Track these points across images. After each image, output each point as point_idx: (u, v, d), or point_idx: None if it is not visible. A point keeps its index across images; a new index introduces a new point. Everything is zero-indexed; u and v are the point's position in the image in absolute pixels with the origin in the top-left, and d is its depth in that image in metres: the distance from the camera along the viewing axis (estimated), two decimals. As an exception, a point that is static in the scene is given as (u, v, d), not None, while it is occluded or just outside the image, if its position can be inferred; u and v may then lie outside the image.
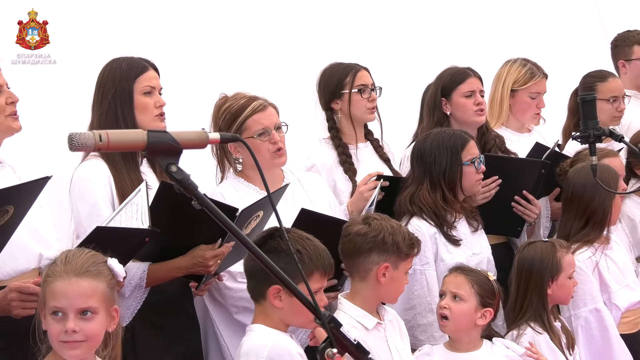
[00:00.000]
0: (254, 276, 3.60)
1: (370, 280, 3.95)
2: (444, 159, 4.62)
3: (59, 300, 2.98)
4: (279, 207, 4.23)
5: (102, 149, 2.51)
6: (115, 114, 4.05)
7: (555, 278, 4.56)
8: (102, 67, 4.17)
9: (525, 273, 4.58)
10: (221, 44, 6.02)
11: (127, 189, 3.94)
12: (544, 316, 4.53)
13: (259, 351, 3.47)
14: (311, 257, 3.59)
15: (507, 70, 5.59)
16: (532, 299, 4.55)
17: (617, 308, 4.91)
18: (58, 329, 2.98)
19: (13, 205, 3.37)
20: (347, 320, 3.88)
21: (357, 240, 3.93)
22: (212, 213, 2.51)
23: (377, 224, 3.96)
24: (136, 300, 3.92)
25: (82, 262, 3.04)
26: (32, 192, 3.50)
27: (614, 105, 5.96)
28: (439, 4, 7.26)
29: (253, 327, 3.61)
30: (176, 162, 2.51)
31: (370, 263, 3.93)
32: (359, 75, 5.10)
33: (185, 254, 3.91)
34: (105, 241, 3.27)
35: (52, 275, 3.01)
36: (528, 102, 5.56)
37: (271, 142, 4.35)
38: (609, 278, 4.90)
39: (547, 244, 4.67)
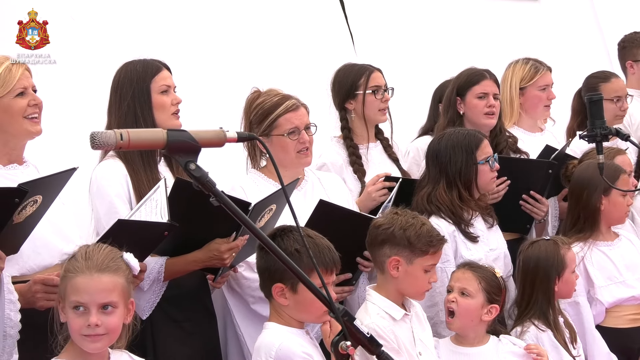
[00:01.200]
0: (261, 274, 3.68)
1: (387, 274, 4.05)
2: (459, 158, 4.69)
3: (81, 296, 3.06)
4: (296, 204, 4.34)
5: (123, 148, 2.58)
6: (134, 115, 4.14)
7: (561, 274, 4.64)
8: (117, 71, 4.26)
9: (531, 271, 4.66)
10: (232, 42, 6.05)
11: (144, 188, 4.03)
12: (549, 313, 4.61)
13: (267, 350, 3.58)
14: (313, 254, 3.60)
15: (512, 71, 5.70)
16: (537, 297, 4.63)
17: (601, 303, 4.99)
18: (80, 322, 3.05)
19: (42, 195, 3.44)
20: (377, 311, 4.00)
21: (373, 232, 4.09)
22: (229, 209, 2.58)
23: (394, 218, 4.05)
24: (155, 294, 4.00)
25: (102, 257, 3.12)
26: (59, 183, 3.58)
27: (617, 104, 6.05)
28: (444, 9, 7.35)
29: (267, 325, 3.70)
30: (195, 160, 2.58)
31: (383, 255, 4.05)
32: (372, 76, 5.16)
33: (201, 248, 3.99)
34: (125, 234, 3.34)
35: (74, 271, 3.08)
36: (538, 96, 5.67)
37: (299, 142, 4.44)
38: (594, 274, 4.98)
39: (550, 242, 4.75)
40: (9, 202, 3.29)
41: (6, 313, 3.42)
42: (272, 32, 6.27)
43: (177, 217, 3.69)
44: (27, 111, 3.74)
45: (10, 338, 3.44)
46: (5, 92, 3.70)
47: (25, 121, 3.74)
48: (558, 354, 4.54)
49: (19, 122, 3.73)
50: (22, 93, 3.73)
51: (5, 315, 3.42)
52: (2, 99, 3.70)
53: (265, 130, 4.42)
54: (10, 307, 3.44)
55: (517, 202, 5.13)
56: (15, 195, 3.29)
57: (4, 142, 3.76)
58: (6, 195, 3.30)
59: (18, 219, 3.39)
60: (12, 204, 3.29)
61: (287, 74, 5.76)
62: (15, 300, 3.46)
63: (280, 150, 4.38)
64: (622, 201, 5.07)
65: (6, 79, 3.70)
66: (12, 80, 3.71)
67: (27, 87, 3.76)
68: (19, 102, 3.73)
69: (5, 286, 3.43)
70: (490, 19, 7.53)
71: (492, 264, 4.64)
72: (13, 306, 3.45)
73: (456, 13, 7.36)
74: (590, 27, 8.15)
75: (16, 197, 3.28)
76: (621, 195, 5.05)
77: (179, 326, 4.15)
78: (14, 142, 3.79)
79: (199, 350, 4.22)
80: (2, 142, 3.76)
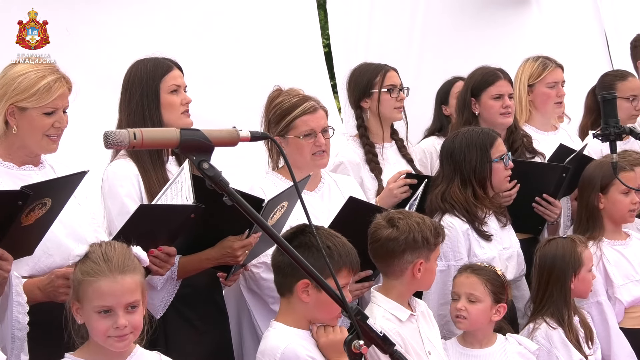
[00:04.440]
0: (282, 270, 3.69)
1: (405, 277, 4.03)
2: (473, 156, 4.71)
3: (107, 299, 3.07)
4: (314, 205, 4.39)
5: (137, 147, 2.60)
6: (142, 113, 4.16)
7: (577, 272, 4.65)
8: (128, 69, 4.28)
9: (547, 269, 4.67)
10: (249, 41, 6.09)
11: (155, 187, 4.06)
12: (564, 311, 4.62)
13: (273, 353, 3.61)
14: (340, 253, 3.67)
15: (521, 69, 5.70)
16: (552, 294, 4.64)
17: (620, 302, 4.98)
18: (107, 325, 3.06)
19: (51, 198, 3.44)
20: (382, 313, 3.99)
21: (390, 245, 4.00)
22: (243, 208, 2.59)
23: (404, 224, 4.02)
24: (169, 292, 4.02)
25: (120, 258, 3.12)
26: (69, 186, 3.57)
27: (632, 103, 6.05)
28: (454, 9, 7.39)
29: (274, 325, 3.73)
30: (208, 159, 2.60)
31: (405, 263, 4.01)
32: (388, 75, 5.21)
33: (214, 246, 4.01)
34: (148, 220, 3.33)
35: (95, 274, 3.07)
36: (547, 93, 5.64)
37: (315, 145, 4.46)
38: (613, 273, 4.97)
39: (567, 240, 4.76)
40: (11, 204, 3.28)
41: (14, 315, 3.43)
42: (288, 32, 6.32)
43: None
44: (49, 130, 3.75)
45: (18, 340, 3.46)
46: (35, 106, 3.71)
47: (44, 138, 3.75)
48: (567, 352, 4.57)
49: (38, 137, 3.74)
50: (51, 112, 3.74)
51: (14, 318, 3.43)
52: (31, 110, 3.71)
53: (282, 131, 4.46)
54: (18, 310, 3.44)
55: (530, 204, 5.13)
56: (17, 197, 3.27)
57: (19, 146, 3.77)
58: (8, 198, 3.30)
59: (27, 221, 3.39)
60: (15, 207, 3.28)
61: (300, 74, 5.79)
62: (23, 303, 3.47)
63: (296, 152, 4.42)
64: (621, 199, 5.05)
65: (42, 95, 3.70)
66: (48, 98, 3.71)
67: (59, 108, 3.76)
68: (45, 120, 3.73)
69: (14, 288, 3.43)
70: (499, 18, 7.56)
71: (505, 262, 4.70)
72: (22, 308, 3.45)
73: (465, 13, 7.40)
74: (597, 26, 8.23)
75: (19, 199, 3.27)
76: (621, 193, 5.04)
77: (191, 325, 4.17)
78: (28, 150, 3.81)
79: (211, 348, 4.24)
80: (17, 146, 3.77)
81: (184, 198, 3.70)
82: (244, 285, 4.43)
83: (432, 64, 6.91)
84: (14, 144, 3.76)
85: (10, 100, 3.71)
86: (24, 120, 3.72)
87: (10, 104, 3.71)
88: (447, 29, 7.24)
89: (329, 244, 3.66)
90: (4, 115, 3.73)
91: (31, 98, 3.70)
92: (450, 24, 7.29)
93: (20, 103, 3.70)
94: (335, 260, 3.64)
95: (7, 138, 3.75)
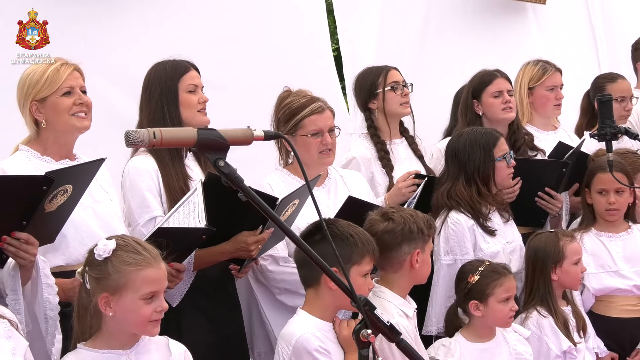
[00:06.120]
0: (307, 264, 3.77)
1: (404, 270, 4.12)
2: (477, 156, 4.82)
3: (154, 285, 3.18)
4: (321, 201, 4.51)
5: (156, 145, 2.69)
6: (162, 112, 4.29)
7: (559, 265, 4.82)
8: (148, 70, 4.41)
9: (532, 261, 4.86)
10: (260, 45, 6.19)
11: (173, 182, 4.22)
12: (550, 300, 4.78)
13: (288, 339, 3.73)
14: (362, 241, 3.79)
15: (522, 72, 5.87)
16: (538, 285, 4.81)
17: (588, 289, 5.18)
18: (150, 310, 3.17)
19: (72, 185, 3.57)
20: (396, 310, 4.06)
21: (386, 238, 4.09)
22: (257, 204, 2.68)
23: (399, 216, 4.12)
24: (185, 283, 4.11)
25: (153, 247, 3.25)
26: (89, 173, 3.72)
27: (621, 104, 6.21)
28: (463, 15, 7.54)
29: (299, 312, 3.84)
30: (224, 157, 2.68)
31: (402, 254, 4.11)
32: (390, 74, 5.36)
33: (229, 240, 4.12)
34: (165, 240, 3.41)
35: (141, 263, 3.16)
36: (546, 96, 5.80)
37: (322, 143, 4.58)
38: (586, 260, 5.09)
39: (552, 234, 4.95)
40: (37, 189, 3.40)
41: (45, 296, 3.57)
42: (299, 37, 6.42)
43: (208, 210, 3.83)
44: (72, 109, 3.91)
45: (51, 320, 3.58)
46: (52, 92, 3.88)
47: (71, 118, 3.92)
48: (557, 339, 4.75)
49: (65, 118, 3.91)
50: (68, 92, 3.90)
51: (44, 299, 3.57)
52: (50, 97, 3.88)
53: (291, 130, 4.56)
54: (48, 291, 3.58)
55: (533, 199, 5.27)
56: (43, 182, 3.40)
57: (54, 139, 3.94)
58: (35, 182, 3.41)
59: (50, 208, 3.52)
60: (40, 192, 3.41)
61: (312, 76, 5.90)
62: (52, 284, 3.60)
63: (304, 150, 4.52)
64: (598, 198, 5.23)
65: (53, 79, 3.88)
66: (59, 80, 3.88)
67: (74, 87, 3.92)
68: (65, 100, 3.90)
69: (41, 271, 3.57)
70: (500, 24, 7.71)
71: (509, 256, 4.84)
72: (51, 289, 3.59)
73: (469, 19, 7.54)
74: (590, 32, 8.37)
75: (44, 184, 3.40)
76: (597, 192, 5.23)
77: (203, 313, 4.28)
78: (63, 138, 3.97)
79: (223, 336, 4.36)
80: (53, 139, 3.94)
81: (196, 220, 3.81)
82: (252, 276, 4.57)
83: (437, 67, 7.01)
84: (49, 138, 3.94)
85: (29, 98, 3.89)
86: (47, 109, 3.90)
87: (31, 102, 3.88)
88: (452, 34, 7.35)
89: (351, 232, 3.77)
90: (30, 115, 3.91)
91: (44, 86, 3.88)
92: (454, 29, 7.39)
93: (38, 96, 3.88)
94: (359, 248, 3.75)
95: (41, 135, 3.93)
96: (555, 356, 4.73)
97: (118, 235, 3.29)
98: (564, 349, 4.74)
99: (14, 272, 3.52)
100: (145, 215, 4.18)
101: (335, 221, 3.88)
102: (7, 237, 3.44)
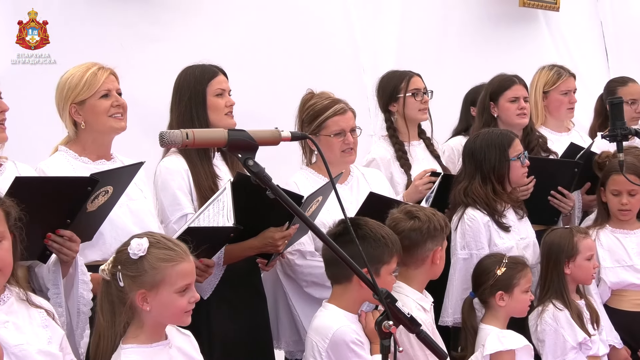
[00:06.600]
0: (336, 263, 3.82)
1: (425, 266, 4.27)
2: (493, 155, 4.95)
3: (188, 278, 3.29)
4: (343, 197, 4.58)
5: (188, 146, 2.81)
6: (190, 114, 4.41)
7: (572, 259, 4.96)
8: (178, 74, 4.53)
9: (546, 255, 5.00)
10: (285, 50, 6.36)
11: (202, 181, 4.35)
12: (564, 294, 4.92)
13: (325, 332, 3.83)
14: (392, 241, 3.94)
15: (538, 76, 6.02)
16: (552, 278, 4.96)
17: (605, 283, 5.32)
18: (185, 301, 3.27)
19: (113, 186, 3.72)
20: (414, 305, 4.19)
21: (413, 235, 4.22)
22: (285, 202, 2.78)
23: (423, 215, 4.27)
24: (215, 276, 4.26)
25: (180, 242, 3.36)
26: (128, 175, 3.88)
27: (632, 107, 6.36)
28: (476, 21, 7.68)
29: (327, 306, 3.95)
30: (253, 157, 2.77)
31: (426, 251, 4.26)
32: (412, 80, 5.51)
33: (257, 236, 4.26)
34: (194, 238, 3.55)
35: (176, 259, 3.26)
36: (560, 100, 5.97)
37: (344, 143, 4.72)
38: (602, 255, 5.28)
39: (567, 229, 5.09)
40: (82, 190, 3.55)
41: (80, 292, 3.72)
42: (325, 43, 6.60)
43: (237, 208, 3.98)
44: (110, 111, 4.07)
45: (83, 315, 3.73)
46: (90, 94, 4.03)
47: (109, 119, 4.07)
48: (573, 331, 4.88)
49: (104, 120, 4.06)
50: (106, 95, 4.07)
51: (79, 294, 3.72)
52: (88, 100, 4.04)
53: (315, 130, 4.71)
54: (83, 287, 3.73)
55: (546, 197, 5.41)
56: (88, 184, 3.55)
57: (92, 140, 4.10)
58: (81, 184, 3.56)
59: (91, 207, 3.67)
60: (85, 192, 3.55)
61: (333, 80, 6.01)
62: (87, 281, 3.75)
63: (327, 149, 4.63)
64: (611, 198, 5.38)
65: (92, 82, 4.03)
66: (97, 83, 4.04)
67: (111, 89, 4.08)
68: (103, 102, 4.06)
69: (79, 268, 3.71)
70: (513, 31, 7.87)
71: (522, 251, 4.94)
72: (86, 286, 3.74)
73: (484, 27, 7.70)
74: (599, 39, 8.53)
75: (89, 185, 3.55)
76: (610, 193, 5.37)
77: (231, 305, 4.41)
78: (101, 139, 4.12)
79: (249, 326, 4.49)
80: (91, 140, 4.09)
81: (225, 218, 3.97)
82: (281, 270, 4.70)
83: (454, 72, 7.15)
84: (87, 139, 4.09)
85: (69, 101, 4.04)
86: (86, 111, 4.05)
87: (70, 104, 4.04)
88: (468, 41, 7.51)
89: (382, 233, 3.90)
90: (70, 117, 4.06)
91: (83, 89, 4.03)
92: (470, 36, 7.55)
93: (77, 98, 4.03)
94: (389, 248, 3.90)
95: (80, 136, 4.09)
96: (571, 347, 4.86)
97: (147, 233, 3.37)
98: (579, 341, 4.87)
99: (55, 268, 3.67)
100: (177, 213, 4.32)
101: (366, 222, 3.97)
102: (52, 234, 3.58)
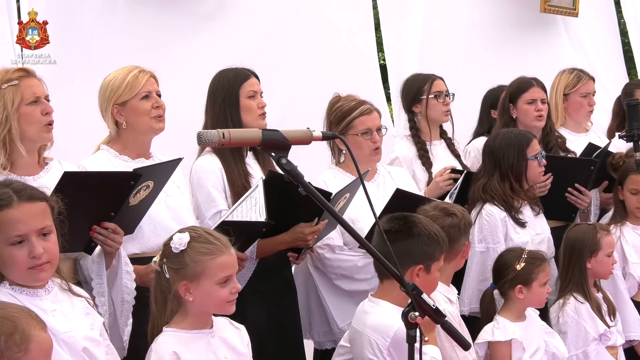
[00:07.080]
0: (388, 258, 3.85)
1: (457, 259, 4.47)
2: (511, 154, 5.11)
3: (228, 270, 3.38)
4: (371, 194, 4.73)
5: (225, 145, 2.89)
6: (224, 115, 4.56)
7: (594, 255, 5.10)
8: (212, 78, 4.67)
9: (569, 250, 5.14)
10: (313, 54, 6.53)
11: (236, 179, 4.51)
12: (585, 287, 5.08)
13: (386, 331, 3.79)
14: (442, 239, 4.01)
15: (558, 79, 6.18)
16: (574, 273, 5.10)
17: (633, 277, 5.50)
18: (227, 292, 3.37)
19: (153, 181, 3.86)
20: (442, 298, 4.27)
21: (452, 231, 4.34)
22: (316, 198, 2.87)
23: (459, 211, 4.45)
24: (249, 269, 4.40)
25: (221, 235, 3.46)
26: (167, 171, 4.02)
27: None
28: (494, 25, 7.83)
29: (379, 302, 3.92)
30: (286, 155, 2.86)
31: (460, 246, 4.45)
32: (435, 83, 5.71)
33: (288, 231, 4.40)
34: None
35: (214, 252, 3.35)
36: (580, 102, 6.13)
37: (372, 141, 4.88)
38: (629, 251, 5.46)
39: (590, 225, 5.26)
40: (126, 184, 3.70)
41: (124, 282, 3.87)
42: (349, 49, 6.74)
43: (269, 204, 4.13)
44: (151, 112, 4.25)
45: (127, 304, 3.88)
46: (132, 96, 4.22)
47: (150, 120, 4.25)
48: (594, 323, 5.04)
49: (145, 120, 4.23)
50: (146, 96, 4.24)
51: (123, 284, 3.87)
52: (130, 101, 4.22)
53: (343, 130, 4.86)
54: (127, 277, 3.89)
55: (563, 194, 5.56)
56: (131, 178, 3.70)
57: (133, 139, 4.28)
58: (124, 178, 3.72)
59: (133, 202, 3.81)
60: (128, 186, 3.71)
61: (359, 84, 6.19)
62: (131, 272, 3.90)
63: (355, 148, 4.73)
64: (629, 196, 5.57)
65: (133, 84, 4.22)
66: (138, 85, 4.22)
67: (152, 91, 4.26)
68: (144, 104, 4.23)
69: (122, 259, 3.87)
70: (532, 35, 8.00)
71: (537, 246, 5.06)
72: (129, 276, 3.90)
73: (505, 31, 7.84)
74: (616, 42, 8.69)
75: (132, 180, 3.70)
76: (628, 191, 5.55)
77: (264, 297, 4.53)
78: (141, 138, 4.30)
79: (280, 316, 4.63)
80: (132, 139, 4.27)
81: (257, 214, 4.10)
82: (311, 264, 4.86)
83: (476, 75, 7.28)
84: (128, 138, 4.27)
85: (111, 102, 4.23)
86: (128, 112, 4.23)
87: (112, 105, 4.22)
88: (490, 45, 7.66)
89: (434, 230, 3.95)
90: (112, 118, 4.25)
91: (125, 90, 4.20)
92: (492, 40, 7.69)
93: (119, 99, 4.21)
94: (440, 245, 3.95)
95: (121, 136, 4.27)
96: (593, 339, 5.02)
97: (189, 227, 3.48)
98: (600, 332, 5.02)
99: (99, 259, 3.83)
100: (212, 210, 4.46)
101: (419, 219, 4.00)
102: (97, 226, 3.74)
